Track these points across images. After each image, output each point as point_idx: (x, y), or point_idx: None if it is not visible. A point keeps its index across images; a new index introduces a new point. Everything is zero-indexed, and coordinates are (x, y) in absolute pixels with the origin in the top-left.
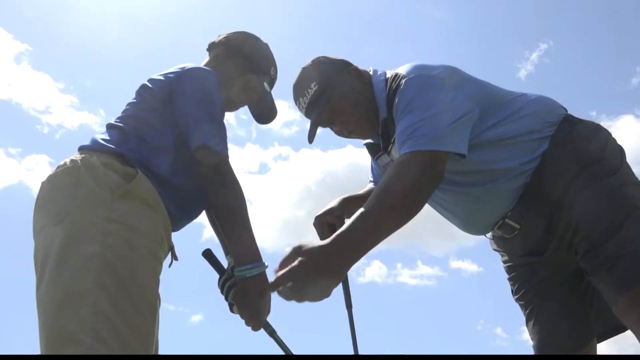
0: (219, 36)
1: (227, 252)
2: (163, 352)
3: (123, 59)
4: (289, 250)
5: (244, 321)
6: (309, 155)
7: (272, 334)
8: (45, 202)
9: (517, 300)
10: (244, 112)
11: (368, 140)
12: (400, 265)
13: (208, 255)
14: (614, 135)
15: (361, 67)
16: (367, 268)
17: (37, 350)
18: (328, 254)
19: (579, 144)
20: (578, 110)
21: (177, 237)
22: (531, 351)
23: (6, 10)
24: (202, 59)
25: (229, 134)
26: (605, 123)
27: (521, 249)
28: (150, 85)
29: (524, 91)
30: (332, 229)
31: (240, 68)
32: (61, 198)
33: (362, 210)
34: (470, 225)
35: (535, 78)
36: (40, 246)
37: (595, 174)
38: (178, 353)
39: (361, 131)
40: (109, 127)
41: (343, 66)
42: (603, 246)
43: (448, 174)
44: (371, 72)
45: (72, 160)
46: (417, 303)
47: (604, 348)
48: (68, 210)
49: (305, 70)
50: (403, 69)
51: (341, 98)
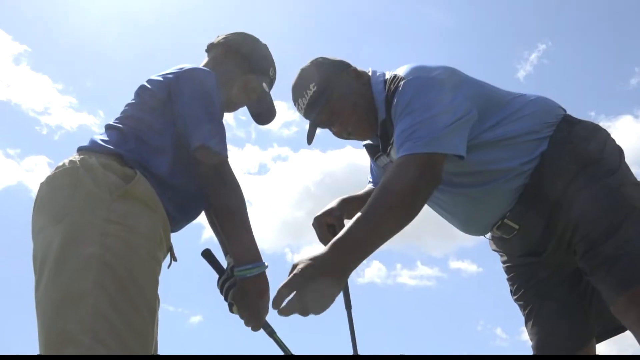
0: (218, 37)
1: (227, 253)
2: (162, 353)
3: (122, 60)
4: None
5: (244, 321)
6: (308, 156)
7: (272, 334)
8: (44, 203)
9: (516, 300)
10: (243, 113)
11: (367, 141)
12: (399, 265)
13: (207, 255)
14: (613, 135)
15: (360, 68)
16: (367, 269)
17: (37, 350)
18: (329, 255)
19: (578, 144)
20: (577, 110)
21: (177, 238)
22: (531, 351)
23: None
24: (202, 60)
25: (228, 135)
26: (604, 123)
27: (520, 250)
28: (149, 86)
29: (523, 92)
30: (332, 230)
31: (239, 68)
32: (60, 199)
33: (362, 211)
34: (469, 225)
35: (534, 79)
36: (39, 247)
37: (594, 174)
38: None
39: (360, 132)
40: (108, 128)
41: (342, 67)
42: (602, 246)
43: (447, 175)
44: (370, 73)
45: (71, 161)
46: (417, 304)
47: (604, 348)
48: (67, 211)
49: (304, 71)
50: (402, 71)
51: (340, 99)
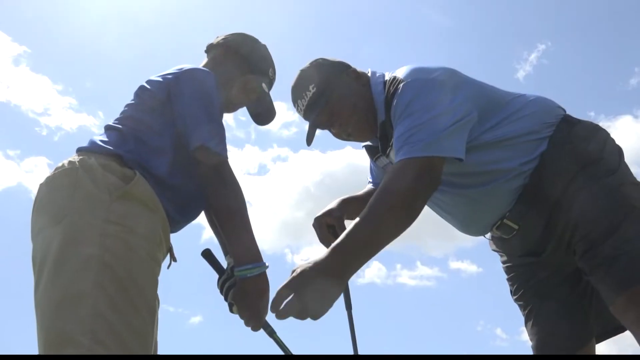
0: (217, 38)
1: (227, 253)
2: (162, 354)
3: (122, 61)
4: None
5: (244, 321)
6: (308, 156)
7: (272, 334)
8: (43, 204)
9: (516, 300)
10: (243, 114)
11: (366, 142)
12: (399, 266)
13: (207, 255)
14: (613, 135)
15: (359, 69)
16: (367, 269)
17: (37, 351)
18: (329, 256)
19: (578, 144)
20: (577, 110)
21: (176, 239)
22: (531, 351)
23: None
24: (202, 60)
25: (228, 136)
26: (603, 123)
27: (520, 250)
28: (148, 86)
29: (523, 92)
30: (332, 230)
31: (238, 69)
32: (59, 199)
33: (362, 213)
34: (468, 226)
35: (533, 79)
36: (38, 247)
37: (593, 174)
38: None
39: (360, 134)
40: (107, 129)
41: (342, 68)
42: (601, 246)
43: (446, 176)
44: (369, 74)
45: (70, 162)
46: (417, 304)
47: (604, 348)
48: (66, 211)
49: (303, 72)
50: (401, 72)
51: (340, 100)
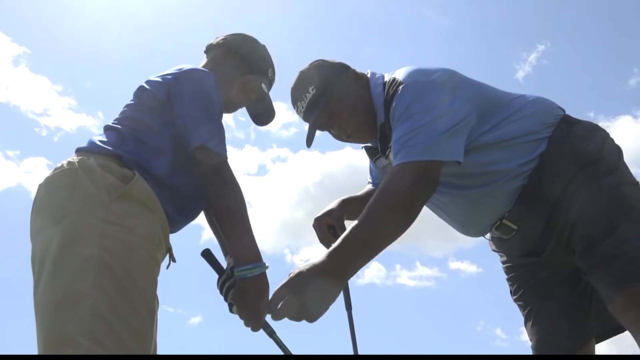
0: (217, 38)
1: (226, 253)
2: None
3: (121, 61)
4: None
5: (243, 321)
6: (308, 157)
7: (272, 335)
8: (42, 204)
9: (516, 300)
10: (243, 114)
11: (366, 143)
12: (399, 266)
13: (207, 255)
14: (612, 136)
15: (359, 70)
16: (366, 269)
17: (36, 351)
18: (329, 257)
19: (577, 145)
20: (576, 111)
21: (176, 239)
22: (531, 352)
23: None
24: (201, 61)
25: (228, 136)
26: (603, 124)
27: (520, 250)
28: (147, 86)
29: (522, 93)
30: (332, 231)
31: (238, 69)
32: (59, 200)
33: (362, 214)
34: (467, 226)
35: (533, 79)
36: (37, 248)
37: (592, 174)
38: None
39: (359, 135)
40: (107, 129)
41: (341, 69)
42: (600, 245)
43: (445, 177)
44: (369, 75)
45: (69, 162)
46: (417, 304)
47: (604, 348)
48: (65, 212)
49: (303, 74)
50: (400, 74)
51: (339, 102)
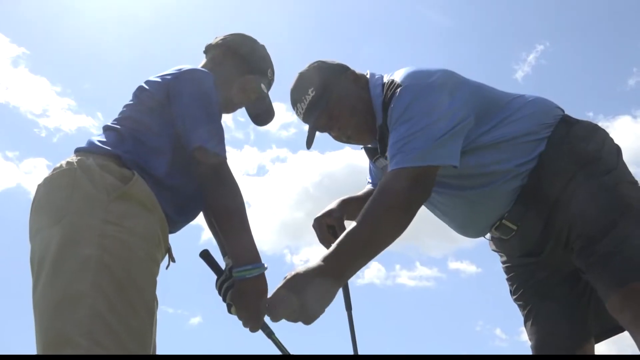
0: (216, 38)
1: (225, 254)
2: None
3: (121, 62)
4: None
5: (242, 322)
6: (307, 157)
7: (270, 335)
8: (41, 205)
9: (516, 300)
10: (242, 115)
11: (366, 144)
12: (398, 266)
13: (205, 256)
14: (611, 136)
15: (358, 71)
16: (366, 270)
17: (35, 351)
18: (327, 257)
19: (577, 144)
20: (575, 111)
21: (175, 239)
22: (530, 352)
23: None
24: (201, 61)
25: (227, 137)
26: (602, 124)
27: (519, 250)
28: (147, 87)
29: (522, 93)
30: (332, 231)
31: (237, 69)
32: (58, 200)
33: (360, 215)
34: (466, 227)
35: (532, 79)
36: (36, 248)
37: (591, 173)
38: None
39: (359, 136)
40: (106, 129)
41: (340, 71)
42: (597, 244)
43: (444, 178)
44: (368, 76)
45: (68, 162)
46: (416, 304)
47: (603, 348)
48: (65, 212)
49: (302, 75)
50: (399, 75)
51: (339, 103)
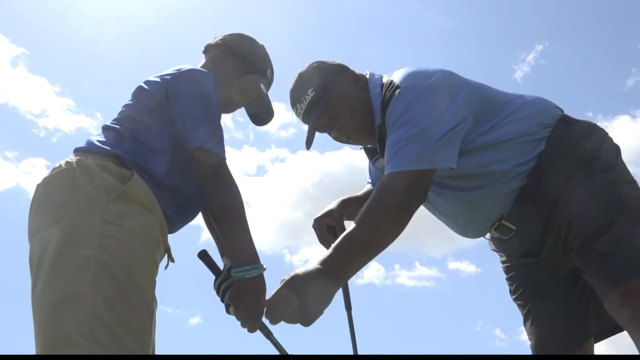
0: (215, 38)
1: (223, 254)
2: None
3: (120, 62)
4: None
5: (240, 322)
6: (306, 157)
7: (269, 336)
8: (40, 205)
9: (515, 300)
10: (241, 115)
11: (366, 144)
12: (398, 266)
13: (203, 256)
14: (610, 135)
15: (358, 71)
16: (365, 270)
17: (34, 352)
18: (327, 257)
19: (576, 144)
20: (574, 111)
21: (175, 240)
22: (530, 352)
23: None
24: (200, 61)
25: (226, 137)
26: (601, 124)
27: (519, 250)
28: (146, 87)
29: (521, 93)
30: (332, 231)
31: (237, 69)
32: (57, 200)
33: (359, 215)
34: (466, 228)
35: (531, 79)
36: (35, 248)
37: (590, 172)
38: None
39: (359, 136)
40: (105, 129)
41: (340, 71)
42: (595, 243)
43: (443, 179)
44: (367, 76)
45: (68, 162)
46: (416, 304)
47: (603, 348)
48: (64, 212)
49: (302, 76)
50: (398, 77)
51: (338, 103)
